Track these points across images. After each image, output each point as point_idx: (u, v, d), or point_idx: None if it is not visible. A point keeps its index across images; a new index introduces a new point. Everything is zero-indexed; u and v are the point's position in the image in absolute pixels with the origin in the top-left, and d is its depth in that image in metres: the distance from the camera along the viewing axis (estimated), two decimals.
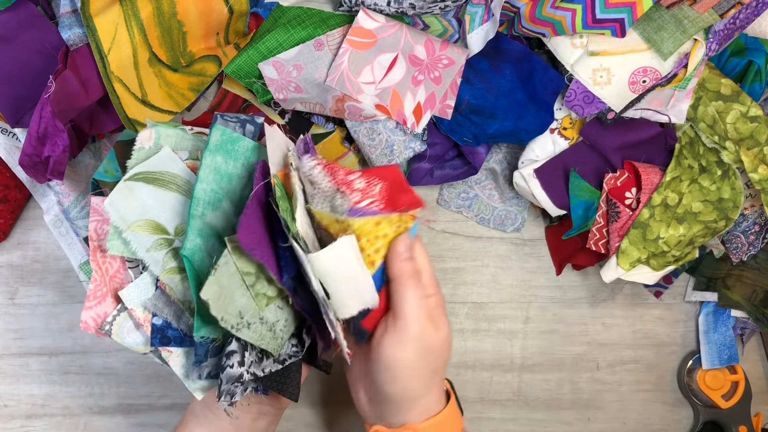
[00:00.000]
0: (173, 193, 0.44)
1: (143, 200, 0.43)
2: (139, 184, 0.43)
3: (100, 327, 0.45)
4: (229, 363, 0.43)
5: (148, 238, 0.43)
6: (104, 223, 0.45)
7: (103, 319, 0.45)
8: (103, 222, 0.45)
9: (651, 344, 0.69)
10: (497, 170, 0.65)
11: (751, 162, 0.57)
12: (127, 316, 0.45)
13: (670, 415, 0.70)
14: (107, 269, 0.45)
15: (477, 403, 0.68)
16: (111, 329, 0.45)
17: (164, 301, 0.45)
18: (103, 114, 0.56)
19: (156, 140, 0.45)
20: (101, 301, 0.45)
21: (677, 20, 0.53)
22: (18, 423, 0.64)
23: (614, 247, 0.59)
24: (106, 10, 0.50)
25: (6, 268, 0.63)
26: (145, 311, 0.45)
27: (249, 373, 0.43)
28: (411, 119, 0.58)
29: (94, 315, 0.45)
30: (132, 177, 0.43)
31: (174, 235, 0.44)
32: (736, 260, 0.62)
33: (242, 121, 0.47)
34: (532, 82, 0.58)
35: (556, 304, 0.68)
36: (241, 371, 0.43)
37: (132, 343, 0.45)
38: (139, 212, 0.43)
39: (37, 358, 0.64)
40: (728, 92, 0.57)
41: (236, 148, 0.45)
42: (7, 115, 0.53)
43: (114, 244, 0.43)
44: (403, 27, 0.56)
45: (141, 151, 0.44)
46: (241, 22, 0.57)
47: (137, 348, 0.46)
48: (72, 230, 0.60)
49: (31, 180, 0.58)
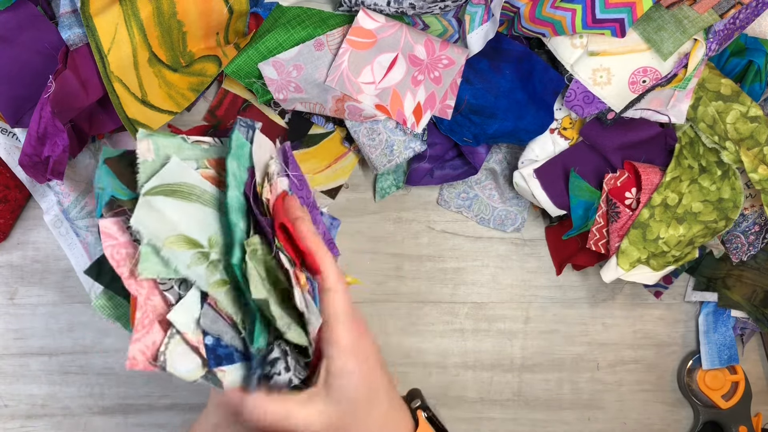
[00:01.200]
0: (196, 204, 0.42)
1: (169, 215, 0.41)
2: (159, 198, 0.41)
3: (154, 358, 0.40)
4: (275, 371, 0.41)
5: (185, 254, 0.41)
6: (120, 246, 0.41)
7: (154, 350, 0.40)
8: (119, 246, 0.41)
9: (651, 344, 0.69)
10: (497, 170, 0.65)
11: (751, 162, 0.57)
12: (178, 342, 0.41)
13: (670, 415, 0.70)
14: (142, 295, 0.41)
15: (477, 403, 0.68)
16: (165, 360, 0.40)
17: (211, 317, 0.42)
18: (103, 114, 0.56)
19: (156, 151, 0.42)
20: (149, 330, 0.41)
21: (677, 20, 0.52)
22: (18, 423, 0.64)
23: (614, 247, 0.59)
24: (105, 10, 0.50)
25: (6, 268, 0.63)
26: (197, 332, 0.41)
27: (297, 377, 0.42)
28: (411, 119, 0.58)
29: (142, 347, 0.40)
30: (150, 192, 0.41)
31: (209, 247, 0.42)
32: (736, 260, 0.62)
33: (249, 126, 0.47)
34: (532, 82, 0.58)
35: (556, 304, 0.68)
36: (289, 376, 0.41)
37: (185, 371, 0.41)
38: (169, 228, 0.40)
39: (37, 358, 0.64)
40: (728, 92, 0.57)
41: (244, 152, 0.45)
42: (7, 115, 0.53)
43: (147, 266, 0.40)
44: (403, 27, 0.56)
45: (146, 164, 0.42)
46: (241, 22, 0.57)
47: (191, 375, 0.41)
48: (72, 230, 0.60)
49: (31, 180, 0.58)
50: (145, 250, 0.40)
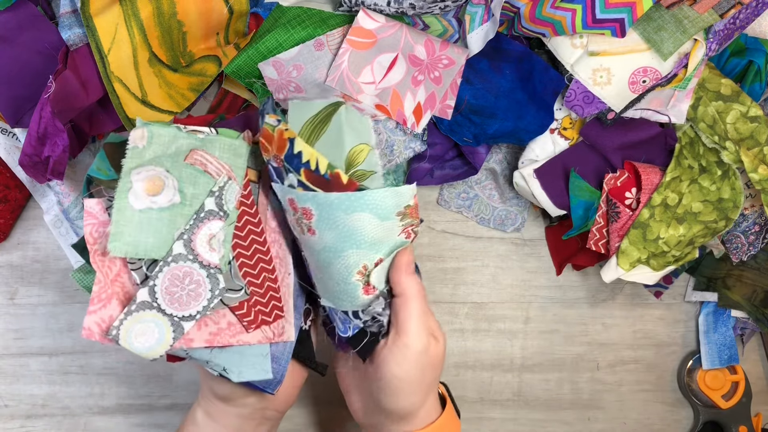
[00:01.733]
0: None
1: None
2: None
3: (106, 332, 0.43)
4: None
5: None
6: (100, 225, 0.44)
7: (109, 323, 0.43)
8: (99, 225, 0.44)
9: (651, 344, 0.69)
10: (497, 170, 0.65)
11: (751, 162, 0.57)
12: (136, 319, 0.44)
13: (670, 415, 0.70)
14: (107, 273, 0.44)
15: (477, 403, 0.68)
16: (118, 334, 0.43)
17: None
18: (103, 114, 0.56)
19: (149, 139, 0.44)
20: (106, 304, 0.43)
21: (677, 20, 0.52)
22: (18, 423, 0.64)
23: (614, 247, 0.59)
24: (106, 10, 0.50)
25: (6, 268, 0.63)
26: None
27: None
28: (411, 119, 0.58)
29: (98, 320, 0.43)
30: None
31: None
32: (736, 260, 0.62)
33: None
34: (532, 82, 0.58)
35: (556, 304, 0.68)
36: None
37: (140, 348, 0.43)
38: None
39: (37, 358, 0.64)
40: (728, 92, 0.57)
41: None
42: (7, 115, 0.53)
43: (116, 245, 0.42)
44: (403, 27, 0.56)
45: (135, 150, 0.44)
46: (241, 22, 0.57)
47: (148, 353, 0.44)
48: (72, 230, 0.60)
49: (31, 180, 0.58)
50: (113, 231, 0.42)
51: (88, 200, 0.44)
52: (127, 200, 0.43)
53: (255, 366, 0.46)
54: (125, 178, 0.43)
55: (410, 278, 0.45)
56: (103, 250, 0.43)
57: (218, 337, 0.46)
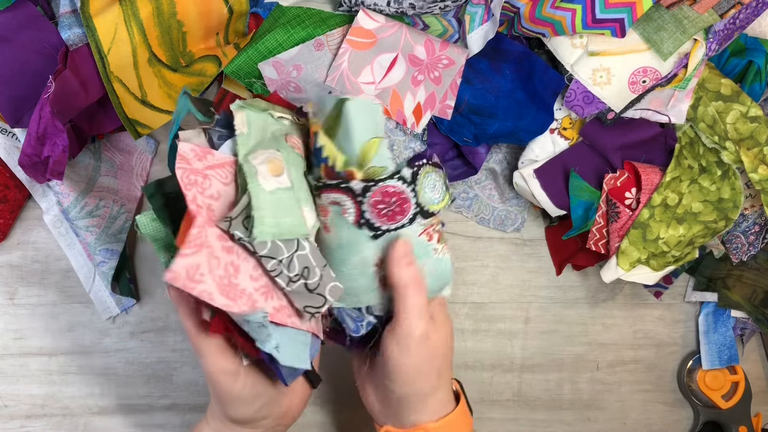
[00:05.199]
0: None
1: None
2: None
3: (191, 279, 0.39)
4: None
5: None
6: (191, 173, 0.42)
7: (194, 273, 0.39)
8: (190, 172, 0.42)
9: (651, 344, 0.69)
10: (497, 170, 0.65)
11: (751, 162, 0.57)
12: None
13: (670, 415, 0.70)
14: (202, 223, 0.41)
15: (477, 403, 0.68)
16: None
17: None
18: (103, 114, 0.56)
19: (248, 125, 0.44)
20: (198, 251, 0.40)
21: (677, 20, 0.52)
22: (18, 423, 0.64)
23: (614, 247, 0.59)
24: (105, 10, 0.50)
25: (6, 268, 0.63)
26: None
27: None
28: (411, 119, 0.58)
29: (187, 265, 0.39)
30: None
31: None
32: (736, 260, 0.62)
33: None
34: (532, 82, 0.58)
35: (556, 304, 0.68)
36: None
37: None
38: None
39: (36, 358, 0.64)
40: (728, 92, 0.57)
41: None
42: (6, 115, 0.53)
43: (262, 230, 0.41)
44: (402, 27, 0.56)
45: (242, 137, 0.43)
46: (241, 22, 0.57)
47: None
48: (72, 230, 0.60)
49: (30, 180, 0.58)
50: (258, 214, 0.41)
51: (183, 145, 0.42)
52: (258, 184, 0.42)
53: (299, 354, 0.45)
54: (247, 164, 0.42)
55: (404, 269, 0.45)
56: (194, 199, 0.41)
57: (279, 313, 0.44)
